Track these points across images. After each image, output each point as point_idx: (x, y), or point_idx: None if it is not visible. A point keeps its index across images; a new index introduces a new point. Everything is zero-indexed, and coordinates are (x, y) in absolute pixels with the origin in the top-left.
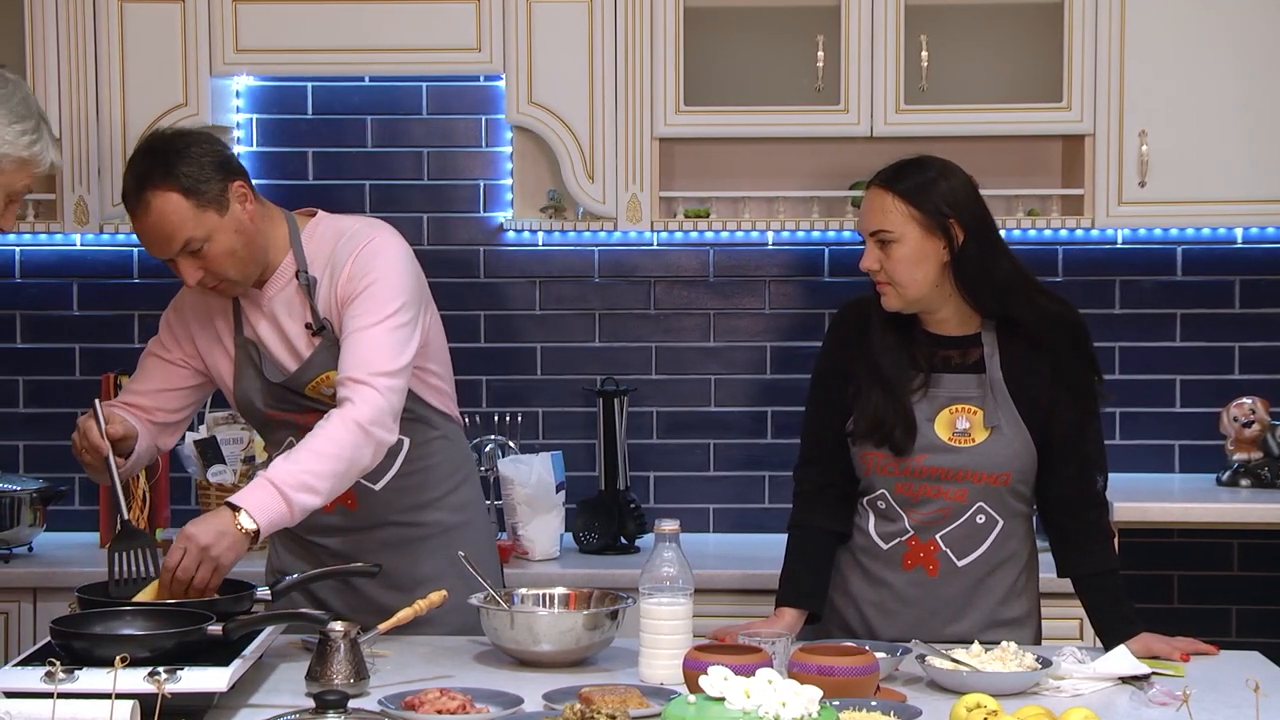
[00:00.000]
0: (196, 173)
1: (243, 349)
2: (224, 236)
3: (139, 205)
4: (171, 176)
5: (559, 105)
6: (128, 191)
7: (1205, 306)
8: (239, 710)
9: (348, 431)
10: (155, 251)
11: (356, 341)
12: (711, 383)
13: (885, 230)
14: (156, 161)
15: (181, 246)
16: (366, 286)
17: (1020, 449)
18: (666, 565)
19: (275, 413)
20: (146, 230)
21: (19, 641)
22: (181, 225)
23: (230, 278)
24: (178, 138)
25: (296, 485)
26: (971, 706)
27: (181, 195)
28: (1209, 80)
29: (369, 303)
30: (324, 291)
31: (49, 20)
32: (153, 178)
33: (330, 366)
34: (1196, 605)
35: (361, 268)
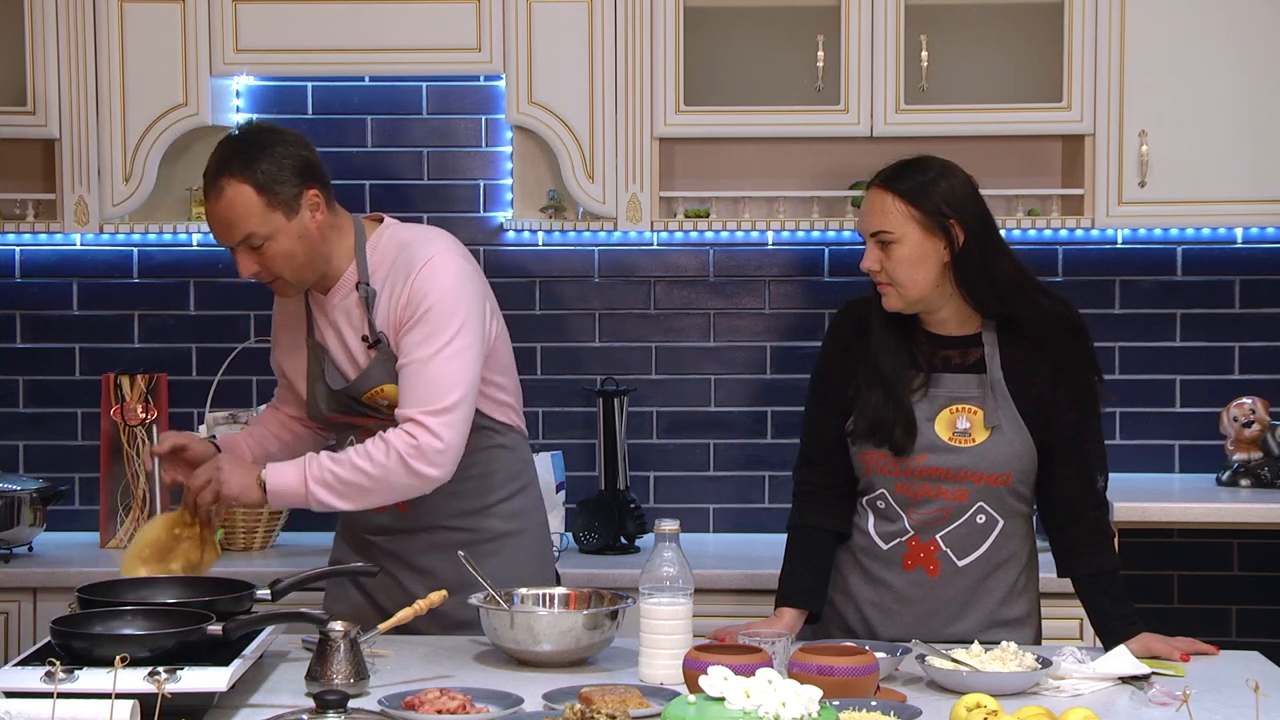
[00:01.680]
0: (275, 172)
1: (313, 350)
2: (286, 239)
3: (213, 189)
4: (249, 170)
5: (559, 105)
6: (207, 172)
7: (1205, 306)
8: (239, 710)
9: (389, 458)
10: (218, 237)
11: (413, 374)
12: (711, 383)
13: (885, 231)
14: (240, 151)
15: (242, 239)
16: (425, 312)
17: (1020, 449)
18: (666, 565)
19: (336, 415)
20: (214, 215)
21: (19, 641)
22: (247, 218)
23: (284, 278)
24: (268, 133)
25: (320, 479)
26: (971, 706)
27: (254, 190)
28: (1209, 80)
29: (425, 329)
30: (383, 306)
31: (49, 20)
32: (232, 166)
33: (385, 380)
34: (1196, 605)
35: (419, 291)
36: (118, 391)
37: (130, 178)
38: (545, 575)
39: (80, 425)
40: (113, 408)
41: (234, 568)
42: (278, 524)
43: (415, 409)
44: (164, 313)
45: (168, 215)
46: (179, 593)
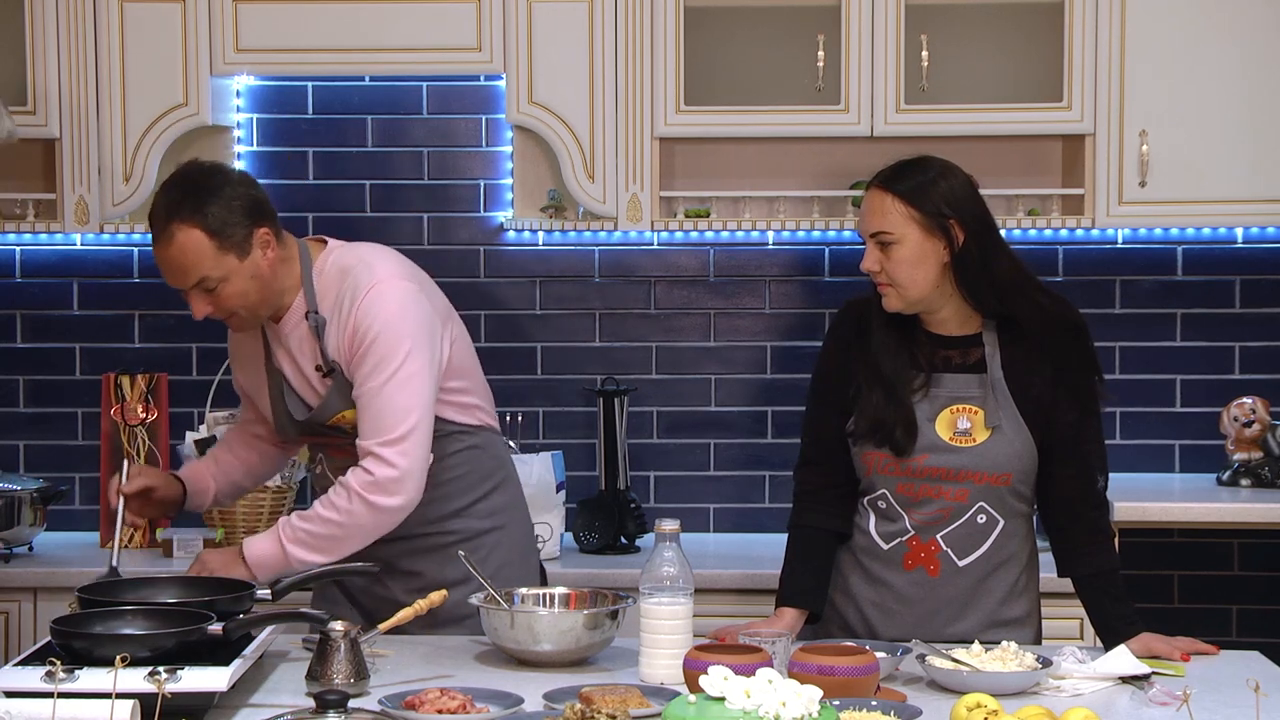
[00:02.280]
0: (225, 215)
1: (273, 377)
2: (239, 280)
3: (162, 234)
4: (199, 214)
5: (559, 105)
6: (155, 216)
7: (1205, 306)
8: (239, 710)
9: (352, 502)
10: (170, 280)
11: (365, 405)
12: (712, 382)
13: (885, 231)
14: (188, 195)
15: (196, 282)
16: (371, 343)
17: (1021, 449)
18: (667, 565)
19: (305, 436)
20: (165, 260)
21: (19, 641)
22: (199, 263)
23: (240, 315)
24: (215, 174)
25: (295, 539)
26: (972, 706)
27: (205, 235)
28: (1209, 80)
29: (373, 359)
30: (332, 335)
31: (49, 20)
32: (181, 211)
33: (344, 407)
34: (1197, 605)
35: (363, 323)
36: (118, 391)
37: (130, 177)
38: (530, 570)
39: (80, 425)
40: (113, 407)
41: None
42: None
43: (371, 440)
44: (164, 312)
45: None
46: (179, 592)
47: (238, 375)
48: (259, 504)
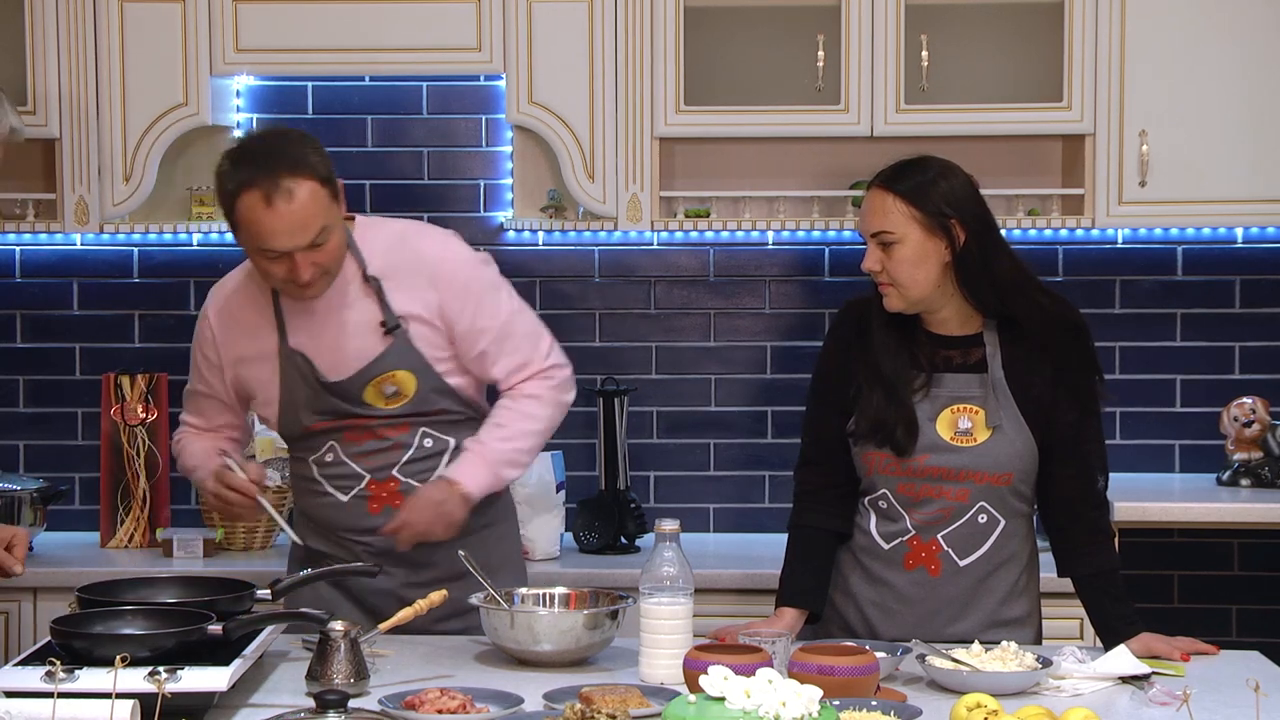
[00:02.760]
0: (326, 165)
1: (289, 360)
2: (340, 231)
3: (277, 192)
4: (308, 165)
5: (559, 105)
6: (253, 179)
7: (1205, 306)
8: (239, 710)
9: (547, 406)
10: (284, 242)
11: (505, 336)
12: (712, 382)
13: (886, 231)
14: (289, 150)
15: (314, 236)
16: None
17: (1022, 449)
18: (667, 565)
19: (319, 423)
20: (285, 217)
21: (19, 641)
22: (318, 214)
23: (332, 273)
24: (294, 131)
25: (508, 462)
26: (972, 706)
27: (318, 184)
28: (1209, 80)
29: (489, 299)
30: (398, 293)
31: (49, 20)
32: (287, 163)
33: (399, 365)
34: (1197, 605)
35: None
36: (118, 391)
37: (130, 177)
38: (518, 564)
39: (80, 425)
40: (113, 407)
41: (234, 567)
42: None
43: (531, 360)
44: (164, 312)
45: (168, 215)
46: (179, 592)
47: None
48: None
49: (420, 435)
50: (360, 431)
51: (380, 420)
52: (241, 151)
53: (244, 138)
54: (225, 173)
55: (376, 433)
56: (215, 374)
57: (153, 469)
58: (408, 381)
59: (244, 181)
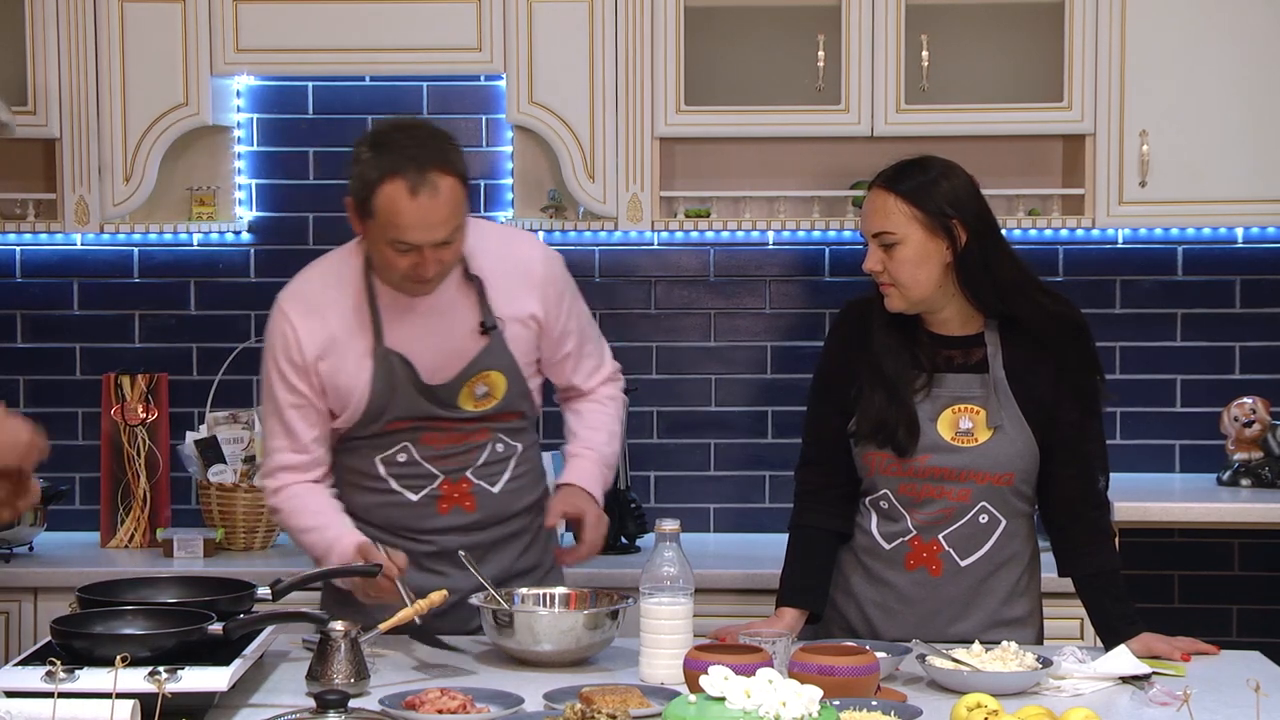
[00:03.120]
0: (465, 163)
1: (384, 360)
2: (464, 233)
3: (424, 184)
4: (451, 163)
5: (559, 105)
6: (402, 168)
7: (1206, 306)
8: (239, 710)
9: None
10: (419, 236)
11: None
12: (712, 382)
13: (888, 232)
14: (438, 145)
15: (448, 235)
16: (571, 299)
17: (1023, 449)
18: (667, 565)
19: (400, 422)
20: (426, 212)
21: (19, 641)
22: (457, 212)
23: (449, 271)
24: (437, 127)
25: (610, 463)
26: (972, 706)
27: (460, 183)
28: (1210, 80)
29: (578, 312)
30: (497, 294)
31: (49, 20)
32: (439, 162)
33: (493, 366)
34: (1197, 605)
35: (558, 284)
36: (118, 391)
37: (131, 177)
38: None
39: (81, 425)
40: (113, 408)
41: (234, 567)
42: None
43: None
44: (164, 312)
45: (168, 215)
46: (179, 592)
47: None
48: (259, 504)
49: (494, 439)
50: (439, 434)
51: (461, 424)
52: (387, 140)
53: (386, 127)
54: (368, 160)
55: (455, 436)
56: (303, 378)
57: (153, 469)
58: (499, 382)
59: (391, 170)
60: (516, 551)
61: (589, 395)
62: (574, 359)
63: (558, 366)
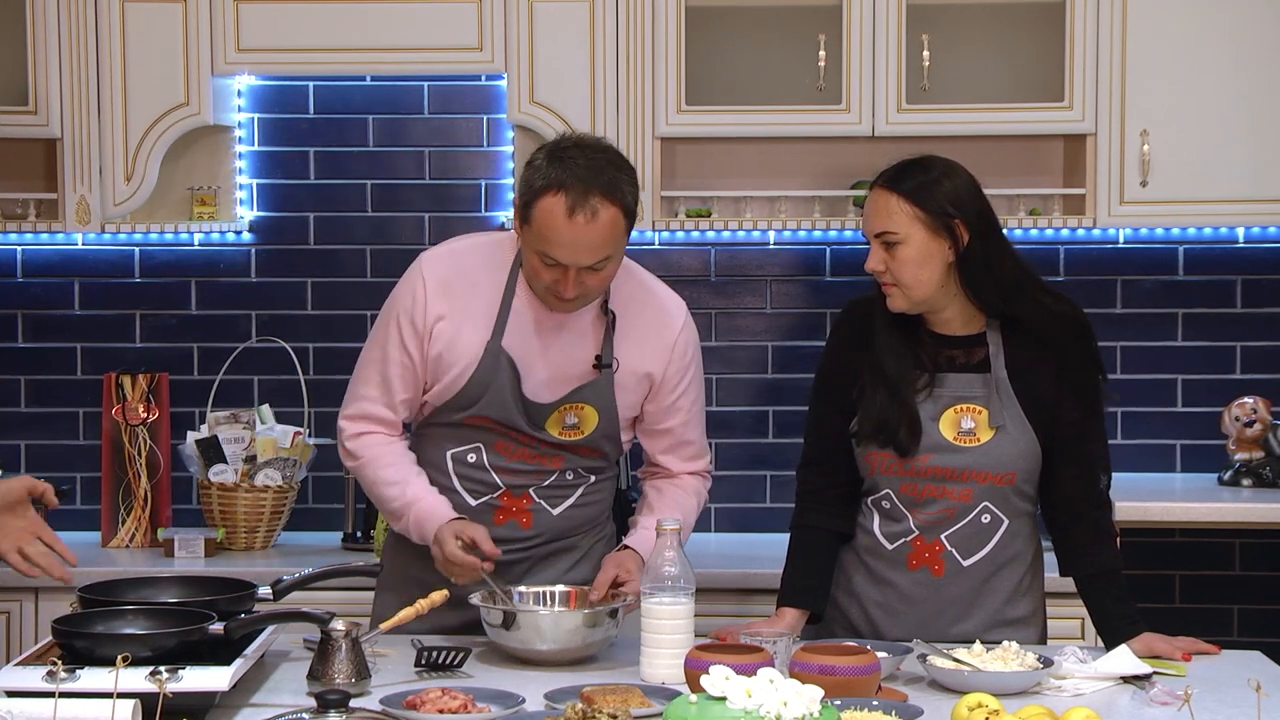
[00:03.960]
0: (634, 197)
1: (492, 355)
2: (618, 262)
3: (583, 208)
4: (621, 194)
5: (560, 105)
6: (566, 185)
7: (1207, 306)
8: (240, 709)
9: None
10: (567, 256)
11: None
12: (713, 382)
13: (890, 231)
14: (610, 172)
15: (596, 261)
16: (695, 373)
17: (1025, 448)
18: (668, 565)
19: (484, 419)
20: (580, 235)
21: (20, 641)
22: (611, 241)
23: (593, 299)
24: (618, 154)
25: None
26: (973, 706)
27: (622, 215)
28: (1211, 80)
29: (695, 390)
30: (624, 338)
31: (50, 20)
32: (603, 184)
33: (591, 401)
34: (1198, 605)
35: (690, 352)
36: (119, 391)
37: (132, 177)
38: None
39: (82, 425)
40: (114, 407)
41: (235, 567)
42: (279, 523)
43: (705, 462)
44: (165, 312)
45: (169, 215)
46: (180, 592)
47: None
48: (260, 504)
49: (566, 468)
50: (515, 445)
51: (541, 445)
52: (563, 154)
53: (570, 141)
54: (539, 167)
55: (529, 455)
56: (417, 343)
57: (154, 469)
58: (591, 418)
59: (556, 183)
60: (565, 566)
61: (675, 478)
62: (674, 438)
63: (656, 437)
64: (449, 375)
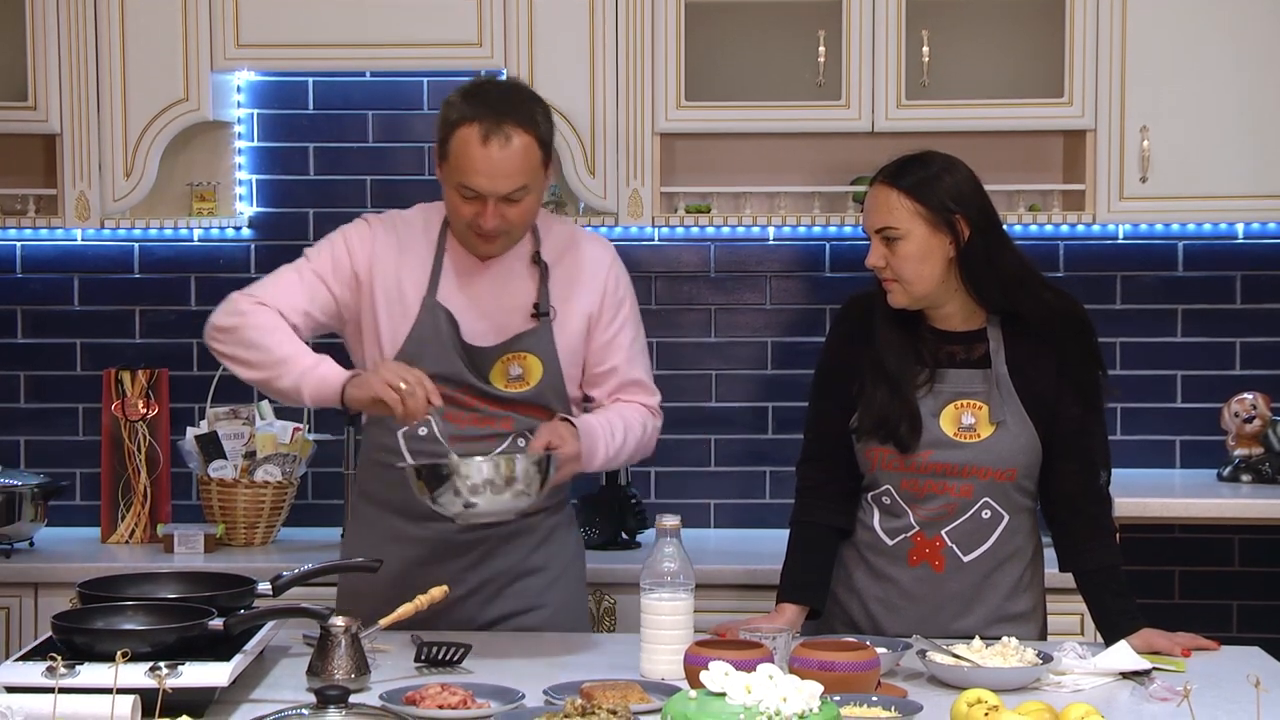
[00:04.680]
0: (549, 130)
1: (430, 312)
2: (536, 197)
3: (498, 134)
4: (535, 123)
5: (560, 100)
6: (480, 116)
7: (1206, 302)
8: (240, 705)
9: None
10: (484, 184)
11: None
12: (713, 378)
13: (891, 227)
14: (520, 100)
15: (513, 190)
16: (629, 311)
17: (1026, 444)
18: (668, 561)
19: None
20: (495, 162)
21: (20, 636)
22: (525, 169)
23: (513, 237)
24: (529, 88)
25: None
26: (972, 702)
27: (537, 144)
28: (1210, 75)
29: (631, 328)
30: (558, 286)
31: (50, 15)
32: (518, 114)
33: (533, 350)
34: (1197, 601)
35: (621, 290)
36: (119, 387)
37: (131, 173)
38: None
39: (81, 421)
40: (114, 403)
41: (235, 563)
42: (279, 519)
43: (650, 400)
44: (165, 308)
45: (169, 210)
46: (180, 588)
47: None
48: (260, 500)
49: (518, 432)
50: (464, 412)
51: (489, 405)
52: (476, 90)
53: (485, 80)
54: (453, 103)
55: (479, 418)
56: (344, 270)
57: (153, 464)
58: (535, 368)
59: (469, 115)
60: (527, 549)
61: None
62: (619, 377)
63: (602, 381)
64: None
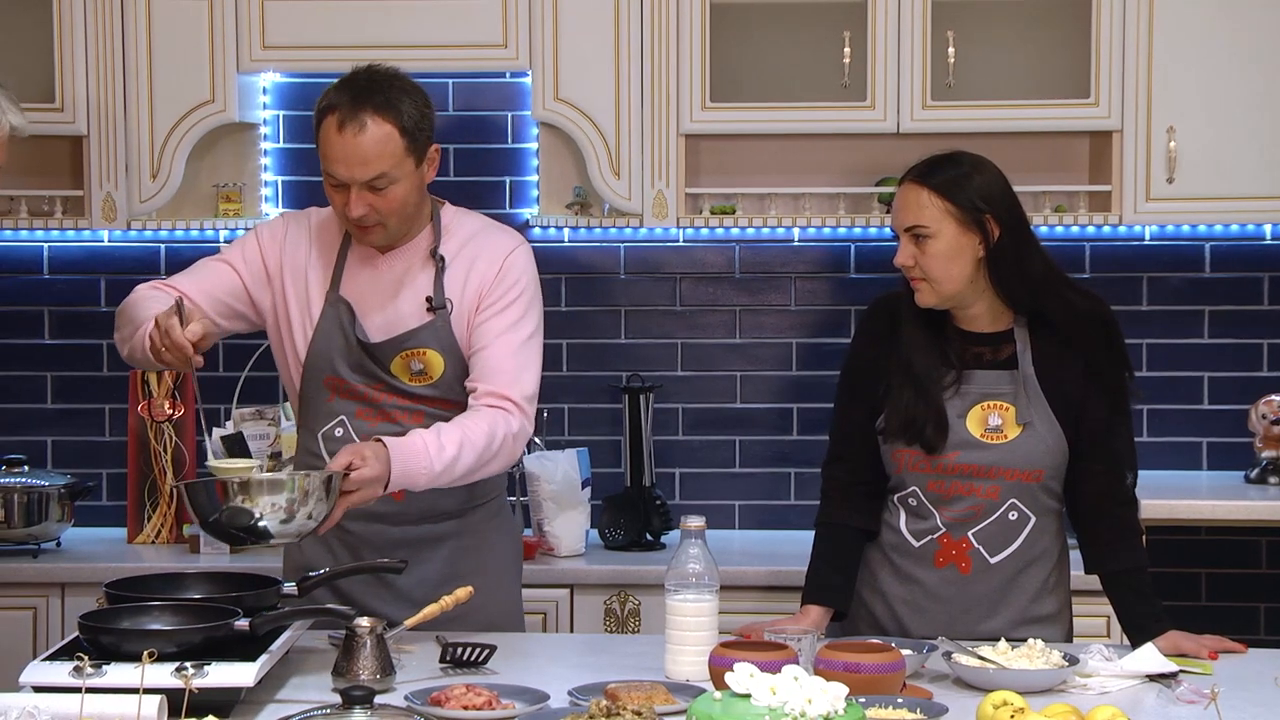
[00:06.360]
0: (417, 118)
1: (333, 306)
2: (407, 186)
3: (352, 121)
4: (394, 109)
5: (585, 101)
6: (337, 104)
7: (1233, 303)
8: (266, 705)
9: (497, 440)
10: (342, 171)
11: (503, 355)
12: (737, 379)
13: (921, 225)
14: (383, 88)
15: (372, 177)
16: (517, 297)
17: (1052, 445)
18: (692, 562)
19: (340, 380)
20: (350, 148)
21: (47, 636)
22: (383, 157)
23: (388, 225)
24: (405, 79)
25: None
26: (998, 704)
27: (397, 131)
28: (1237, 76)
29: (516, 314)
30: (457, 279)
31: (77, 17)
32: (376, 101)
33: (431, 344)
34: (1224, 603)
35: (513, 275)
36: (145, 388)
37: (158, 174)
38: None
39: (108, 421)
40: (140, 404)
41: (261, 563)
42: None
43: (517, 391)
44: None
45: (195, 211)
46: (206, 588)
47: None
48: None
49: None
50: (373, 410)
51: (397, 400)
52: (348, 78)
53: (360, 69)
54: (325, 93)
55: (391, 416)
56: (255, 265)
57: (180, 465)
58: (435, 362)
59: (331, 104)
60: (442, 558)
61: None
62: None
63: (471, 365)
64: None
